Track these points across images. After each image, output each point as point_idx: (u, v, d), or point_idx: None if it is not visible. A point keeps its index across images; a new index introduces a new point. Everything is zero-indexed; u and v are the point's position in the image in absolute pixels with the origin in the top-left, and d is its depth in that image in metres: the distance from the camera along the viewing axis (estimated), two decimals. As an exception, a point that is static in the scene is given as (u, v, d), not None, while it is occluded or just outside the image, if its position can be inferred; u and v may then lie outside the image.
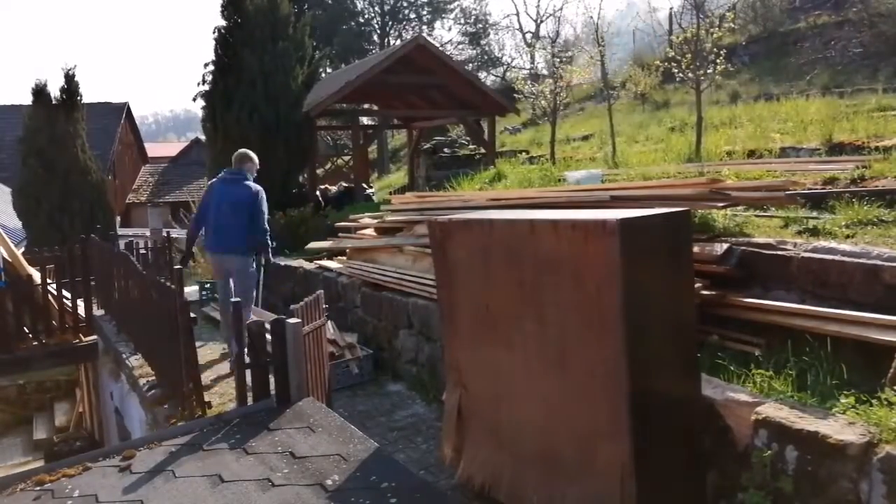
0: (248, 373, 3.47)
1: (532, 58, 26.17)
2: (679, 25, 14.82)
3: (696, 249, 3.61)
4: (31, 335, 7.51)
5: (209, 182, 5.99)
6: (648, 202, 4.19)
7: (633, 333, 2.46)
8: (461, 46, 32.17)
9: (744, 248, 3.78)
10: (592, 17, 19.12)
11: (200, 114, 10.96)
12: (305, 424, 2.91)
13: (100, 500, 2.36)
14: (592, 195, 4.77)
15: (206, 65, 10.74)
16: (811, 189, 4.94)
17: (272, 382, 3.27)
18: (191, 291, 8.08)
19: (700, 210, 4.26)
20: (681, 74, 8.38)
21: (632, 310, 2.44)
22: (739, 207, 4.61)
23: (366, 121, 21.83)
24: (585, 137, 12.70)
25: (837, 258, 3.30)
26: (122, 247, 10.02)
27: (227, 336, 5.62)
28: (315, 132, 12.18)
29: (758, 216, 4.53)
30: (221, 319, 5.98)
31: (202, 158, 18.61)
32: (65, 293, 7.84)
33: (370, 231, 6.96)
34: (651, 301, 2.58)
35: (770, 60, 14.39)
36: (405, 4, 30.96)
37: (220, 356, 6.07)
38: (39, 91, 14.27)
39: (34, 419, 10.20)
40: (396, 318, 5.57)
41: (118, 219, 18.94)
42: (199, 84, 10.76)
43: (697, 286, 3.38)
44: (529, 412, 2.91)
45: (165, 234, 11.79)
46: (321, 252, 7.78)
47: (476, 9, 32.01)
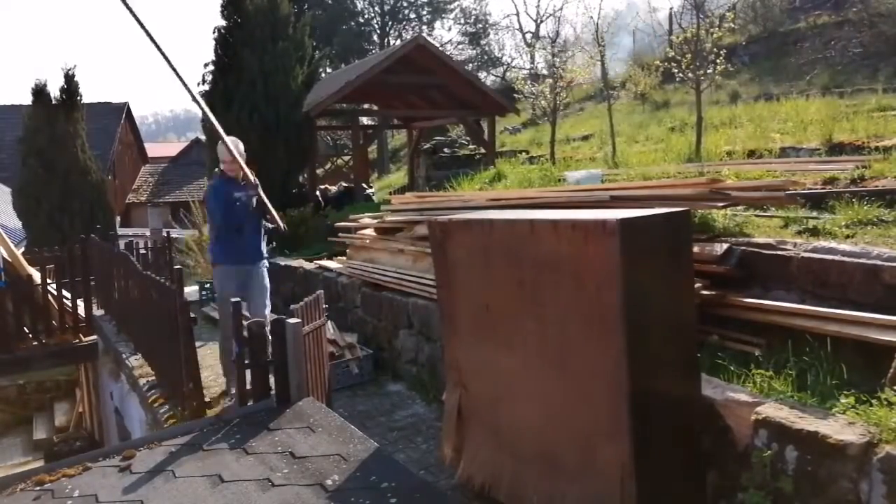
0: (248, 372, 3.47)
1: (532, 58, 26.17)
2: (679, 25, 14.84)
3: (696, 249, 3.61)
4: (31, 335, 7.51)
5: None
6: (648, 202, 4.19)
7: (633, 333, 2.45)
8: (461, 46, 32.18)
9: (744, 248, 3.78)
10: (592, 17, 19.09)
11: (200, 114, 10.94)
12: (305, 424, 2.91)
13: (100, 500, 2.36)
14: (592, 195, 4.76)
15: (206, 65, 10.75)
16: (811, 189, 4.94)
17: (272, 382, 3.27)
18: (191, 291, 8.09)
19: (700, 210, 4.26)
20: (681, 74, 8.38)
21: (632, 310, 2.44)
22: (739, 207, 4.61)
23: (366, 121, 21.83)
24: (585, 137, 12.70)
25: (837, 258, 3.30)
26: (122, 247, 10.01)
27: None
28: (315, 132, 12.18)
29: (758, 216, 4.52)
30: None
31: (202, 158, 18.61)
32: (65, 293, 7.84)
33: (370, 231, 6.95)
34: (651, 301, 2.57)
35: (770, 60, 14.39)
36: (405, 4, 30.95)
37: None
38: (39, 91, 14.26)
39: (34, 419, 10.20)
40: (396, 318, 5.57)
41: (118, 219, 18.94)
42: (199, 84, 10.78)
43: (697, 286, 3.37)
44: (529, 412, 2.91)
45: (165, 234, 11.78)
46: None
47: (476, 9, 32.04)
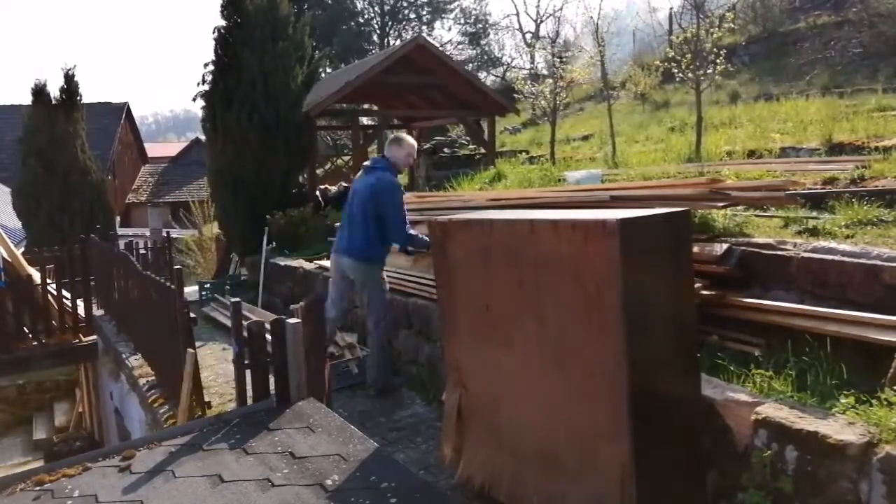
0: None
1: (532, 58, 26.18)
2: (679, 25, 14.86)
3: (696, 249, 3.61)
4: (31, 335, 7.52)
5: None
6: (648, 202, 4.19)
7: (633, 333, 2.45)
8: (461, 46, 32.16)
9: (744, 248, 3.78)
10: (592, 17, 19.11)
11: (200, 114, 10.93)
12: (305, 424, 2.91)
13: (100, 500, 2.36)
14: (592, 195, 4.77)
15: (206, 65, 10.72)
16: (811, 189, 4.94)
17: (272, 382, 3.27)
18: (191, 291, 8.08)
19: (700, 210, 4.26)
20: (681, 74, 8.38)
21: (632, 310, 2.44)
22: (739, 207, 4.61)
23: (366, 121, 21.81)
24: (585, 137, 12.70)
25: (837, 258, 3.29)
26: (122, 247, 10.01)
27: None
28: (315, 132, 12.17)
29: (758, 216, 4.53)
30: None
31: (202, 158, 18.62)
32: (65, 293, 7.85)
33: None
34: (651, 301, 2.57)
35: (770, 60, 14.40)
36: (405, 4, 30.94)
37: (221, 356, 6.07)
38: (39, 91, 14.27)
39: (34, 419, 10.21)
40: (396, 318, 5.56)
41: (118, 219, 18.94)
42: (199, 84, 10.74)
43: (697, 286, 3.37)
44: (529, 412, 2.91)
45: (165, 234, 11.78)
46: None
47: (476, 9, 32.02)
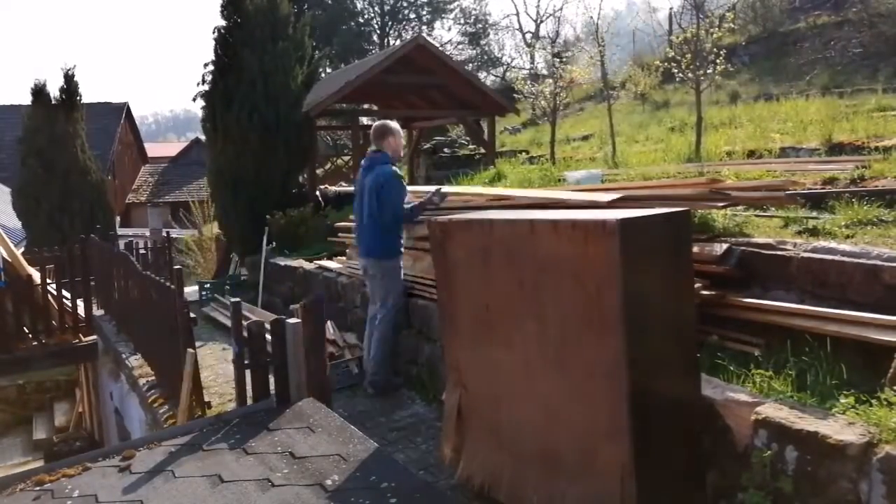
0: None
1: (532, 58, 26.18)
2: (679, 25, 14.85)
3: (696, 249, 3.61)
4: (31, 335, 7.52)
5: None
6: (648, 202, 4.19)
7: (633, 333, 2.45)
8: (461, 46, 32.14)
9: (743, 248, 3.78)
10: (592, 17, 19.14)
11: (200, 114, 10.93)
12: (305, 424, 2.91)
13: (99, 500, 2.36)
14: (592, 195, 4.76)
15: (206, 65, 10.72)
16: (811, 189, 4.94)
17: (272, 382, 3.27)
18: (191, 291, 8.08)
19: (700, 210, 4.26)
20: (681, 74, 8.37)
21: (632, 310, 2.44)
22: (739, 207, 4.61)
23: (366, 121, 21.78)
24: (585, 137, 12.70)
25: (837, 258, 3.29)
26: (122, 247, 10.02)
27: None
28: (315, 132, 12.17)
29: (758, 216, 4.53)
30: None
31: (202, 158, 18.62)
32: (65, 293, 7.85)
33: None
34: (651, 301, 2.57)
35: (770, 60, 14.39)
36: (405, 4, 30.93)
37: (221, 356, 6.07)
38: (39, 91, 14.27)
39: (34, 419, 10.21)
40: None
41: (118, 219, 18.94)
42: (199, 84, 10.74)
43: (697, 286, 3.37)
44: (529, 412, 2.91)
45: (165, 234, 11.79)
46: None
47: (476, 9, 31.98)
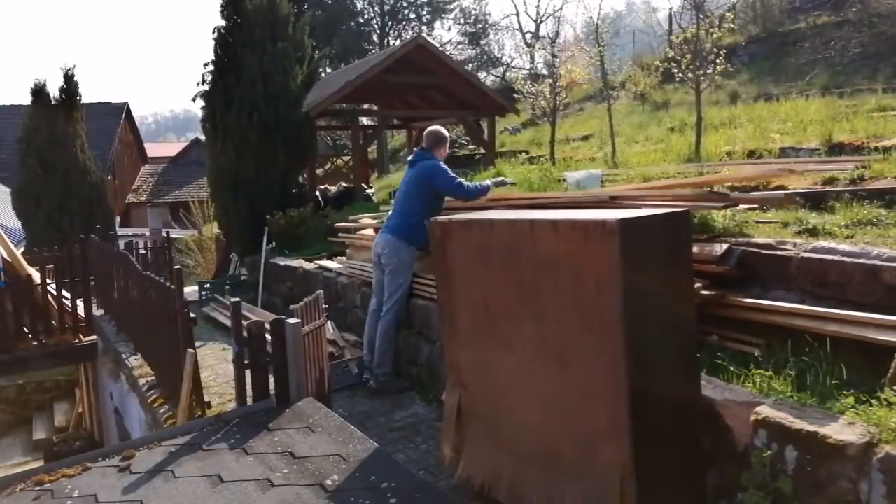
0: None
1: (532, 58, 26.17)
2: (679, 25, 14.81)
3: (696, 249, 3.61)
4: (31, 335, 7.52)
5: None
6: (648, 202, 4.19)
7: (633, 333, 2.45)
8: (461, 46, 32.17)
9: (743, 249, 3.78)
10: (592, 18, 19.15)
11: (200, 114, 10.95)
12: (305, 424, 2.91)
13: (99, 500, 2.36)
14: (592, 195, 4.76)
15: (206, 65, 10.73)
16: (811, 189, 4.94)
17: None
18: (191, 291, 8.09)
19: (700, 210, 4.26)
20: (680, 74, 8.36)
21: (632, 310, 2.44)
22: (739, 207, 4.61)
23: (366, 121, 21.82)
24: (585, 137, 12.69)
25: (837, 258, 3.29)
26: (122, 247, 10.02)
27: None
28: (315, 132, 12.17)
29: (758, 216, 4.52)
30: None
31: (202, 158, 18.65)
32: (64, 293, 7.85)
33: (370, 231, 6.95)
34: (651, 301, 2.58)
35: (770, 60, 14.39)
36: (405, 4, 30.94)
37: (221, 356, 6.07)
38: (39, 91, 14.27)
39: (34, 419, 10.21)
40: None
41: (118, 219, 18.95)
42: (199, 84, 10.76)
43: (697, 286, 3.37)
44: (529, 412, 2.91)
45: (165, 234, 11.79)
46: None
47: (476, 9, 32.02)
